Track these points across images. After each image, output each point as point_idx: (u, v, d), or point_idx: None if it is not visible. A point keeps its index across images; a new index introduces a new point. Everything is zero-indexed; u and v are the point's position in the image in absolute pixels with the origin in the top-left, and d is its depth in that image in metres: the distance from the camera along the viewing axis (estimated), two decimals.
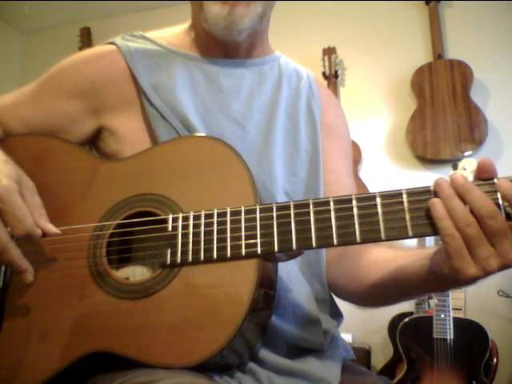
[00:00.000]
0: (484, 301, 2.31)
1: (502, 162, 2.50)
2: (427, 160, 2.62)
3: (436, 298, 2.01)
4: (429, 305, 2.19)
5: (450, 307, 1.99)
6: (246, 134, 0.86)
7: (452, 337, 1.97)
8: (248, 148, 0.84)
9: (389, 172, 2.75)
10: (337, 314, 0.89)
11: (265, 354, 0.74)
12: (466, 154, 2.47)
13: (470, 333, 1.98)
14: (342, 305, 0.89)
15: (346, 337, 2.35)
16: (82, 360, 0.68)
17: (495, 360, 1.99)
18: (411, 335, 2.05)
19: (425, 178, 2.62)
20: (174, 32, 0.94)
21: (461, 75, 2.61)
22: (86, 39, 3.32)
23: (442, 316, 1.99)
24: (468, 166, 1.84)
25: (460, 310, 2.06)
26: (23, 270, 0.68)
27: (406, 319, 2.07)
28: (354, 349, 0.94)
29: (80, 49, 3.21)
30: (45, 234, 0.69)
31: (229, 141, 0.74)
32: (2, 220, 0.65)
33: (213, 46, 0.89)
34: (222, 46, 0.89)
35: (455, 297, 2.07)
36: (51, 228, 0.69)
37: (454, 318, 1.99)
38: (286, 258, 0.70)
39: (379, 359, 2.40)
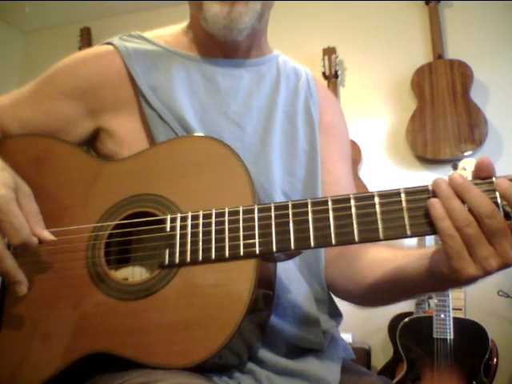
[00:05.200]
0: (484, 301, 2.31)
1: (501, 161, 2.49)
2: (427, 160, 2.62)
3: (436, 298, 2.01)
4: (429, 305, 2.19)
5: (450, 307, 1.99)
6: (244, 135, 0.86)
7: (452, 337, 1.97)
8: (246, 148, 0.84)
9: (389, 172, 2.75)
10: (336, 314, 0.89)
11: (264, 354, 0.73)
12: (466, 154, 2.46)
13: (470, 333, 1.97)
14: (342, 305, 0.89)
15: (346, 337, 2.34)
16: (81, 361, 0.67)
17: (495, 360, 1.99)
18: (411, 335, 2.04)
19: (425, 178, 2.62)
20: (171, 32, 0.94)
21: (461, 75, 2.61)
22: (86, 39, 3.32)
23: (442, 316, 1.98)
24: (468, 166, 1.83)
25: (460, 310, 2.05)
26: (17, 280, 0.68)
27: (406, 319, 2.07)
28: (353, 349, 0.94)
29: (80, 49, 3.21)
30: (40, 241, 0.69)
31: (227, 141, 0.74)
32: None
33: (211, 46, 0.89)
34: (220, 46, 0.89)
35: (455, 297, 2.07)
36: (47, 235, 0.70)
37: (454, 318, 1.99)
38: (285, 258, 0.70)
39: (379, 359, 2.39)
